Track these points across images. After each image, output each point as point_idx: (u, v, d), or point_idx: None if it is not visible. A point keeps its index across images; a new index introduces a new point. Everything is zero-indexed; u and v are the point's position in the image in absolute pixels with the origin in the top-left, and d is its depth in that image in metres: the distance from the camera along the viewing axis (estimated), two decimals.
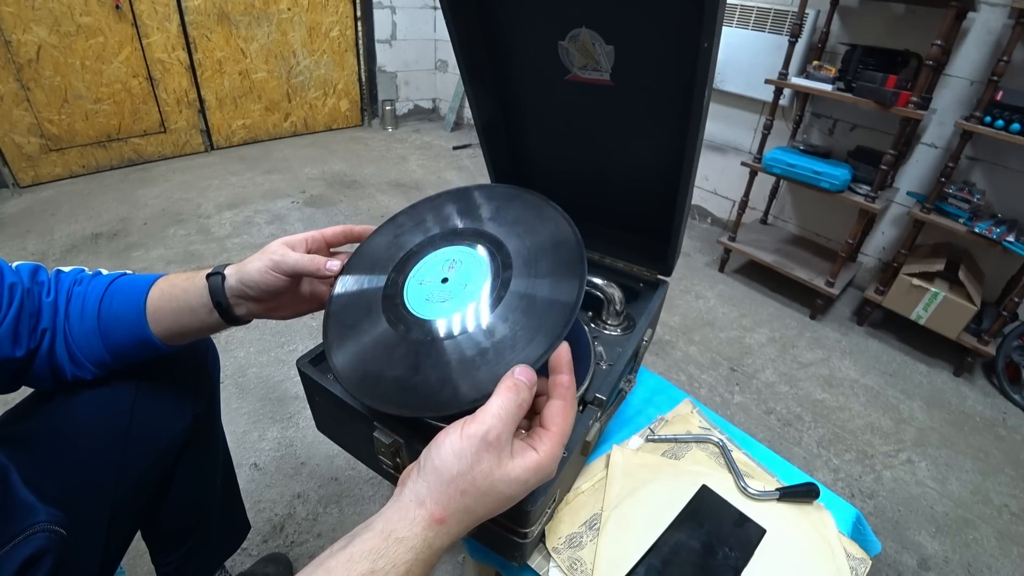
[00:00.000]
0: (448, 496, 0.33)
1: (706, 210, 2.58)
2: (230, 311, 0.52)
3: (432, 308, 0.46)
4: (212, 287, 0.50)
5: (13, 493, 0.44)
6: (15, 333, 0.47)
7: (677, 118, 0.55)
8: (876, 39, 1.75)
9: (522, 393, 0.36)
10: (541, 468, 0.36)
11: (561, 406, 0.38)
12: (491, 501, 0.34)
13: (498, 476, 0.34)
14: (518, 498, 0.36)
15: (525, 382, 0.37)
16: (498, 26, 0.65)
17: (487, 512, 0.35)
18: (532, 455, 0.36)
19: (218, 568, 0.85)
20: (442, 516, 0.33)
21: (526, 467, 0.35)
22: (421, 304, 0.47)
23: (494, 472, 0.34)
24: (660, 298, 0.71)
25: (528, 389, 0.37)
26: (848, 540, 0.59)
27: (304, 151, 3.09)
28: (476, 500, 0.34)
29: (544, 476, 0.36)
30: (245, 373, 1.41)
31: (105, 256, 1.90)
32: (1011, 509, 1.24)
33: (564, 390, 0.39)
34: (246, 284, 0.50)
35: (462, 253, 0.50)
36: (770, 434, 1.38)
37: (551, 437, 0.37)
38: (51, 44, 2.25)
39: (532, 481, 0.35)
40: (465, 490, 0.33)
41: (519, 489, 0.35)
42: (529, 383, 0.37)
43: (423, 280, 0.49)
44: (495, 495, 0.34)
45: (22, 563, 0.41)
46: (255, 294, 0.51)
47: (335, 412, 0.57)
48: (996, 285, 1.76)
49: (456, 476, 0.33)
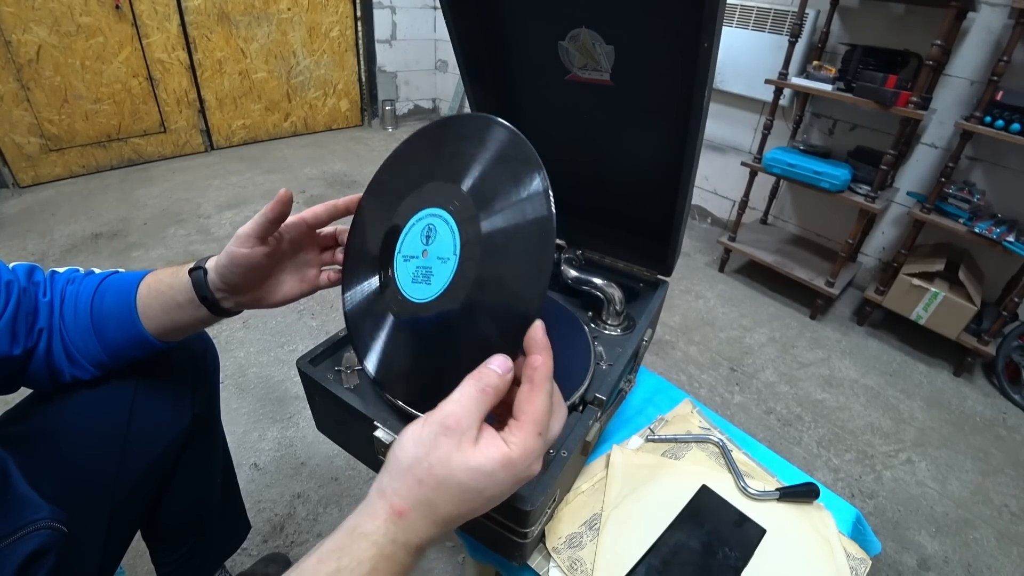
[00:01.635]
0: (406, 486, 0.32)
1: (706, 210, 2.58)
2: (217, 304, 0.51)
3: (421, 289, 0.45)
4: (195, 282, 0.49)
5: (13, 486, 0.44)
6: (12, 331, 0.47)
7: (677, 118, 0.55)
8: (876, 39, 1.75)
9: (486, 379, 0.34)
10: (512, 463, 0.32)
11: (527, 391, 0.34)
12: (452, 493, 0.32)
13: (456, 463, 0.31)
14: (490, 494, 0.33)
15: (495, 369, 0.34)
16: (498, 26, 0.65)
17: (454, 508, 0.32)
18: (500, 446, 0.32)
19: (218, 568, 0.85)
20: (402, 507, 0.31)
21: (490, 458, 0.32)
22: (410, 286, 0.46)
23: (451, 458, 0.31)
24: (660, 298, 0.71)
25: (498, 376, 0.34)
26: (848, 540, 0.59)
27: (304, 151, 3.09)
28: (434, 491, 0.31)
29: (517, 472, 0.33)
30: (245, 373, 1.41)
31: (105, 256, 1.90)
32: (1011, 509, 1.24)
33: (531, 371, 0.35)
34: (223, 273, 0.49)
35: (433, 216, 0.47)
36: (770, 434, 1.38)
37: (520, 427, 0.33)
38: (51, 44, 2.25)
39: (502, 476, 0.32)
40: (422, 479, 0.31)
41: (486, 483, 0.32)
42: (501, 370, 0.34)
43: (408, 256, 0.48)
44: (455, 486, 0.31)
45: (24, 559, 0.41)
46: (235, 279, 0.49)
47: (335, 412, 0.57)
48: (996, 285, 1.76)
49: (412, 463, 0.32)
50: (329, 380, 0.56)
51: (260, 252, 0.49)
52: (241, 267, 0.48)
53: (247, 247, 0.48)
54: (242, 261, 0.48)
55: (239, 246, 0.48)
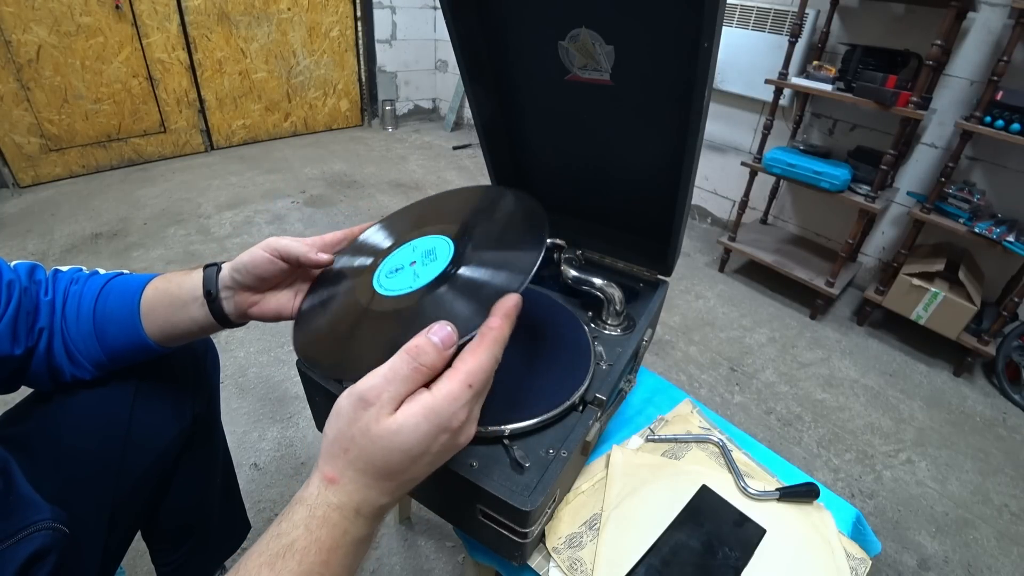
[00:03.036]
0: (332, 455, 0.33)
1: (706, 210, 2.58)
2: (218, 303, 0.51)
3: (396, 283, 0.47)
4: (206, 276, 0.51)
5: (15, 487, 0.44)
6: (13, 331, 0.47)
7: (677, 118, 0.55)
8: (876, 39, 1.75)
9: (423, 357, 0.33)
10: (434, 410, 0.32)
11: (472, 344, 0.34)
12: (377, 456, 0.32)
13: (375, 432, 0.32)
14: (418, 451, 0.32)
15: (434, 343, 0.33)
16: (498, 26, 0.65)
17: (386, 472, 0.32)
18: (422, 399, 0.32)
19: (218, 568, 0.85)
20: (332, 475, 0.33)
21: (411, 413, 0.32)
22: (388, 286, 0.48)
23: (371, 428, 0.32)
24: (660, 298, 0.71)
25: (436, 351, 0.33)
26: (848, 540, 0.59)
27: (304, 151, 3.09)
28: (360, 458, 0.32)
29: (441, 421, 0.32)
30: (245, 373, 1.41)
31: (105, 256, 1.90)
32: (1011, 509, 1.24)
33: (485, 329, 0.35)
34: (237, 270, 0.50)
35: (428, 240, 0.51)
36: (770, 434, 1.38)
37: (449, 376, 0.33)
38: (51, 44, 2.25)
39: (425, 427, 0.32)
40: (347, 448, 0.32)
41: (409, 439, 0.32)
42: (441, 344, 0.33)
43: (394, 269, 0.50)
44: (378, 451, 0.32)
45: (25, 561, 0.41)
46: (243, 279, 0.50)
47: None
48: (996, 285, 1.76)
49: (337, 435, 0.33)
50: (329, 380, 0.56)
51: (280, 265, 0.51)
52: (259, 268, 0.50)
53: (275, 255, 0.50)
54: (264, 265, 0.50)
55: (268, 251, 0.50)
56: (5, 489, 0.43)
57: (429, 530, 1.06)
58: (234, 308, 0.52)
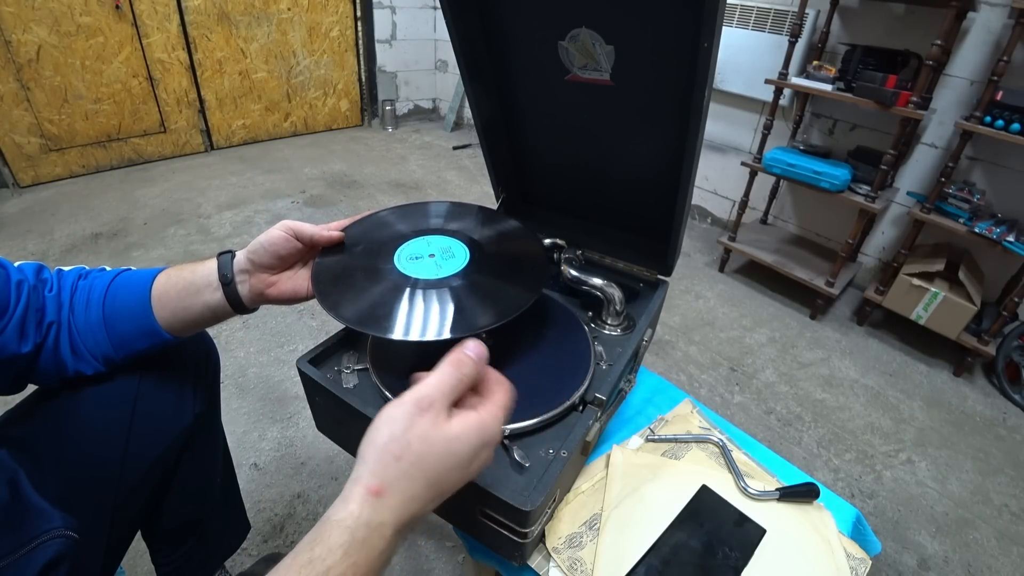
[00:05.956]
0: (383, 464, 0.32)
1: (706, 210, 2.58)
2: (233, 287, 0.53)
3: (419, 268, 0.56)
4: (220, 262, 0.53)
5: (24, 498, 0.44)
6: (22, 329, 0.47)
7: (677, 118, 0.55)
8: (876, 39, 1.75)
9: (464, 368, 0.36)
10: (484, 427, 0.35)
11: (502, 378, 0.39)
12: (433, 465, 0.32)
13: (435, 436, 0.32)
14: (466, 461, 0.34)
15: (471, 356, 0.36)
16: (498, 26, 0.65)
17: (435, 480, 0.33)
18: (472, 414, 0.35)
19: (218, 568, 0.85)
20: (378, 487, 0.31)
21: (467, 425, 0.34)
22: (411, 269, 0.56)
23: (430, 434, 0.32)
24: (660, 298, 0.71)
25: (473, 364, 0.36)
26: (848, 540, 0.59)
27: (304, 151, 3.09)
28: (414, 465, 0.32)
29: (485, 436, 0.35)
30: (245, 373, 1.41)
31: (105, 256, 1.90)
32: (1011, 509, 1.24)
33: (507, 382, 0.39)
34: (253, 251, 0.53)
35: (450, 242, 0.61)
36: (770, 434, 1.38)
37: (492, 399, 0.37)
38: (51, 44, 2.25)
39: (476, 440, 0.34)
40: (400, 455, 0.32)
41: (463, 448, 0.33)
42: (476, 357, 0.36)
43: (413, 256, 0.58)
44: (433, 456, 0.32)
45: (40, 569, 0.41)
46: (260, 259, 0.53)
47: (335, 412, 0.57)
48: (996, 285, 1.76)
49: (389, 441, 0.32)
50: (329, 380, 0.56)
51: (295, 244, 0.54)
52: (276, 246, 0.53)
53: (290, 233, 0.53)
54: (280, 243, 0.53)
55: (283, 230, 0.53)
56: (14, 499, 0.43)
57: (429, 530, 1.06)
58: (249, 291, 0.53)
